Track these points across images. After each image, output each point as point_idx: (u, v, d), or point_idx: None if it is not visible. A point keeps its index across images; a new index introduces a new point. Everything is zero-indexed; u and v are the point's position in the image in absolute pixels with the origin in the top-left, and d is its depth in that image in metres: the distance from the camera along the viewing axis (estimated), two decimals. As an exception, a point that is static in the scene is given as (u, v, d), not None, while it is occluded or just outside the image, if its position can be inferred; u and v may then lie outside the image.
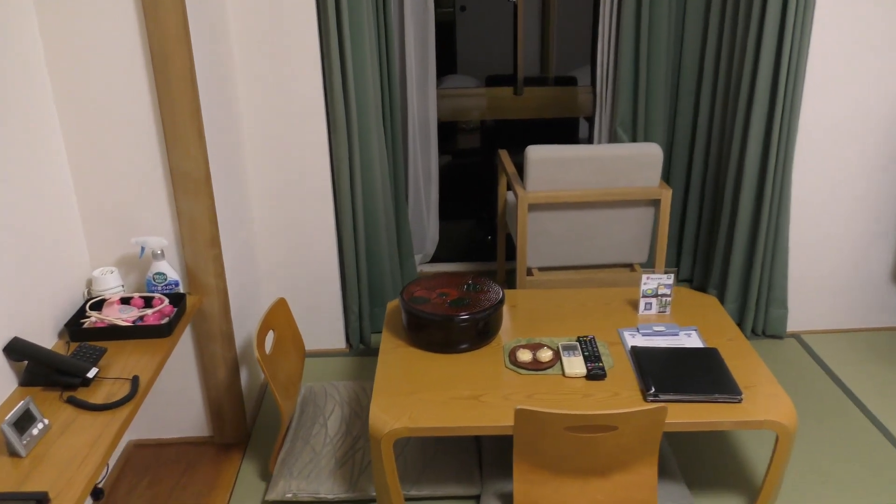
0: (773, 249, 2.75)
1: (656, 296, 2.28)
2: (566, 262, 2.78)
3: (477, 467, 2.11)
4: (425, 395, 1.90)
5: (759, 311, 2.84)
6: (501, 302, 2.12)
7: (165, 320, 1.90)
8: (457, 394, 1.90)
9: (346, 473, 2.07)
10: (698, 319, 2.26)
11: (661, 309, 2.30)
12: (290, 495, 2.01)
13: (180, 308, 1.96)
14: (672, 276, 2.25)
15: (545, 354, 2.02)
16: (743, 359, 2.04)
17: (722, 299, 2.93)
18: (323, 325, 2.84)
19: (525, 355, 2.03)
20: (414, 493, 2.03)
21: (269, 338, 2.29)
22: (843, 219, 2.78)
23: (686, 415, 1.80)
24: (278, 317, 2.22)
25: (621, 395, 1.89)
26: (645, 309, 2.30)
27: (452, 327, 2.05)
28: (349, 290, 2.78)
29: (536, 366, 2.00)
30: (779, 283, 2.79)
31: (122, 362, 1.74)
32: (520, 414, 1.71)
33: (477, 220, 4.27)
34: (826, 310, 2.92)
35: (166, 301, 1.96)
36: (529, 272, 2.78)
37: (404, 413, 1.83)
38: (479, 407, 1.85)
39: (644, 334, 2.17)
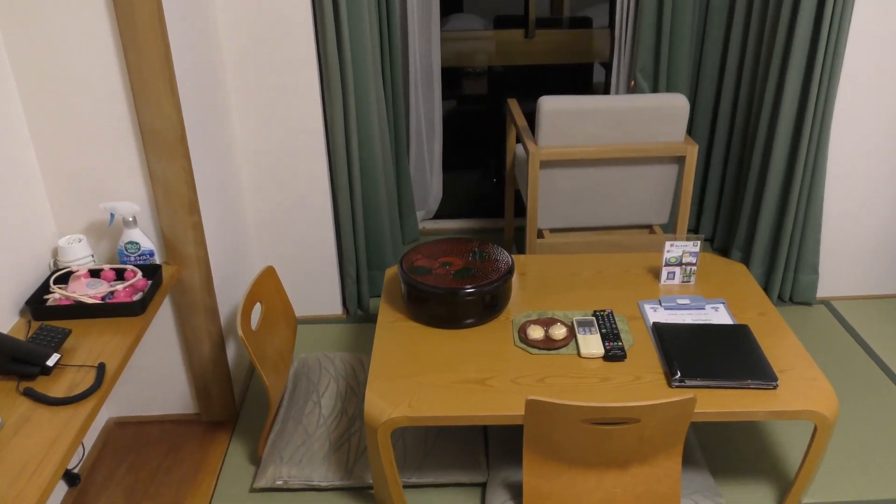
0: (806, 211, 2.54)
1: (680, 264, 2.09)
2: (580, 224, 2.58)
3: (483, 453, 1.96)
4: (427, 378, 1.74)
5: (787, 277, 2.65)
6: (510, 272, 1.94)
7: (138, 296, 1.73)
8: (461, 377, 1.74)
9: (342, 458, 1.93)
10: (726, 290, 2.08)
11: (686, 279, 2.11)
12: (280, 482, 1.88)
13: (155, 281, 1.78)
14: (698, 243, 2.06)
15: (558, 332, 1.85)
16: (777, 337, 1.87)
17: (747, 263, 2.74)
18: (318, 290, 2.67)
19: (536, 332, 1.86)
20: (415, 480, 1.89)
21: (257, 310, 2.13)
22: (882, 177, 2.56)
23: (715, 403, 1.64)
24: (266, 287, 2.04)
25: (643, 380, 1.72)
26: (667, 278, 2.12)
27: (457, 301, 1.88)
28: (345, 253, 2.60)
29: (549, 344, 1.83)
30: (811, 246, 2.59)
31: (88, 345, 1.58)
32: (531, 405, 1.55)
33: (483, 172, 4.06)
34: (858, 275, 2.73)
35: (139, 274, 1.78)
36: (540, 234, 2.59)
37: (403, 399, 1.67)
38: (486, 392, 1.69)
39: (667, 308, 1.99)
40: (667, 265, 2.10)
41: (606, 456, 1.66)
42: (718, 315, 1.95)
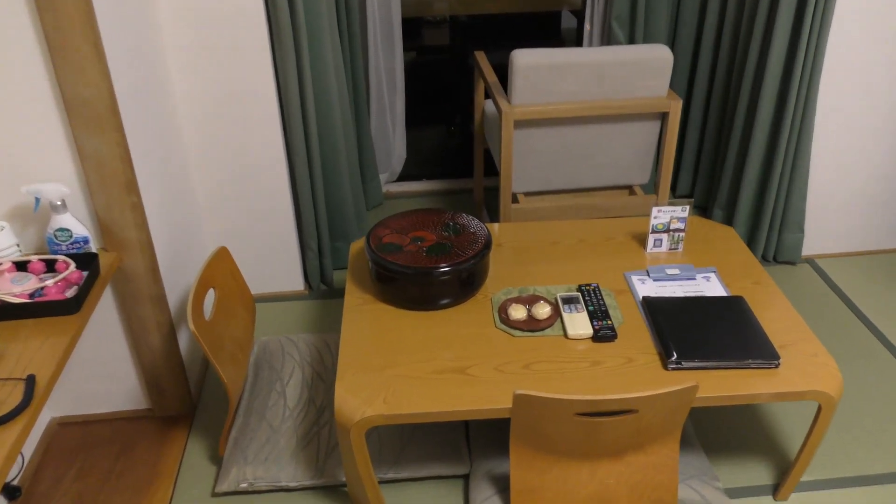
0: (792, 168, 2.43)
1: (668, 231, 1.96)
2: (557, 186, 2.44)
3: (465, 443, 1.84)
4: (402, 368, 1.59)
5: (771, 236, 2.56)
6: (488, 246, 1.79)
7: (72, 291, 1.54)
8: (440, 366, 1.60)
9: (311, 455, 1.79)
10: (715, 257, 1.96)
11: (673, 246, 1.99)
12: (245, 485, 1.73)
13: (91, 272, 1.59)
14: (687, 208, 1.93)
15: (542, 310, 1.71)
16: (773, 308, 1.76)
17: (729, 222, 2.64)
18: (277, 266, 2.49)
19: (518, 312, 1.72)
20: (392, 475, 1.76)
21: (210, 296, 1.95)
22: (871, 127, 2.46)
23: (714, 386, 1.53)
24: (219, 271, 1.86)
25: (636, 362, 1.60)
26: (654, 246, 1.99)
27: (432, 282, 1.72)
28: (305, 225, 2.41)
29: (532, 325, 1.70)
30: (797, 204, 2.49)
31: (14, 354, 1.39)
32: (519, 400, 1.42)
33: (448, 129, 3.87)
34: (843, 232, 2.65)
35: (73, 265, 1.59)
36: (514, 199, 2.44)
37: (377, 395, 1.53)
38: (468, 384, 1.55)
39: (655, 279, 1.87)
40: (653, 232, 1.97)
41: (600, 447, 1.55)
42: (710, 285, 1.84)
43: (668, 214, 1.95)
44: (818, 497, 1.75)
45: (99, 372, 1.94)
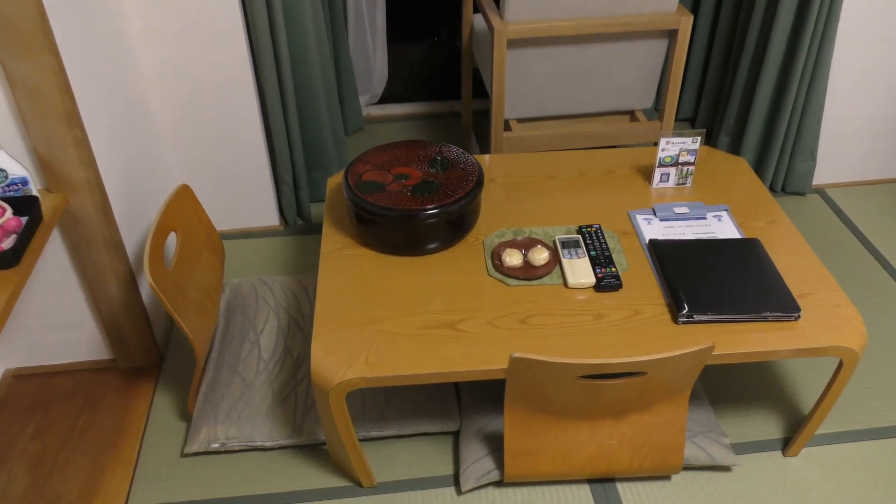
0: (808, 88, 2.24)
1: (676, 164, 1.80)
2: (553, 112, 2.24)
3: (454, 397, 1.72)
4: (385, 323, 1.45)
5: (781, 164, 2.39)
6: (480, 184, 1.62)
7: (9, 241, 1.36)
8: (427, 320, 1.45)
9: (288, 412, 1.66)
10: (727, 193, 1.80)
11: (681, 180, 1.82)
12: (216, 445, 1.61)
13: (33, 218, 1.41)
14: (698, 139, 1.76)
15: (540, 256, 1.56)
16: (791, 252, 1.62)
17: (736, 149, 2.47)
18: (249, 199, 2.30)
19: (513, 258, 1.57)
20: (376, 433, 1.64)
21: (172, 240, 1.77)
22: (892, 45, 2.26)
23: (728, 342, 1.40)
24: (181, 212, 1.68)
25: (643, 314, 1.46)
26: (661, 181, 1.82)
27: (417, 225, 1.56)
28: (278, 153, 2.22)
29: (529, 273, 1.55)
30: (811, 129, 2.32)
31: (-58, 317, 1.22)
32: (516, 364, 1.28)
33: (434, 45, 3.61)
34: (856, 159, 2.49)
35: (9, 211, 1.40)
36: (507, 126, 2.25)
37: (359, 354, 1.38)
38: (459, 340, 1.41)
39: (662, 219, 1.71)
40: (660, 166, 1.80)
41: (602, 407, 1.43)
42: (722, 226, 1.69)
43: (678, 146, 1.77)
44: (830, 451, 1.66)
45: (54, 321, 1.78)
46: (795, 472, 1.61)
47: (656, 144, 1.79)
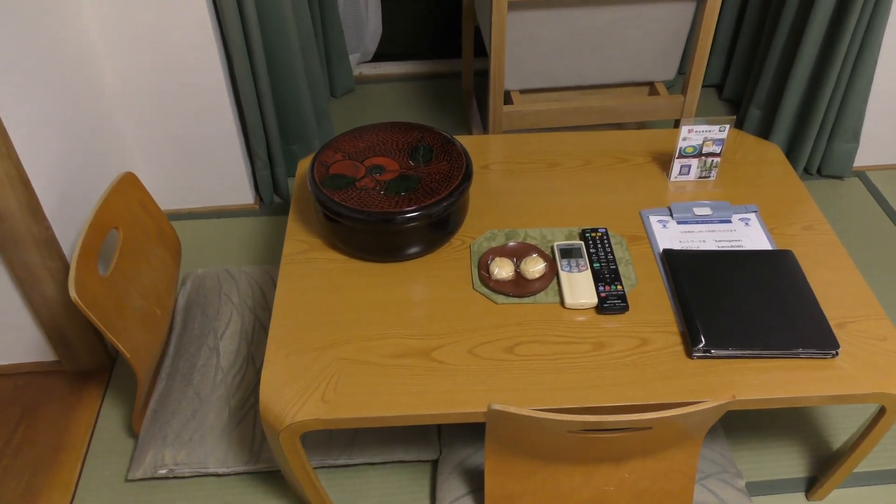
0: (855, 61, 1.97)
1: (699, 155, 1.56)
2: (560, 83, 2.00)
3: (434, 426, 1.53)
4: (350, 348, 1.25)
5: (818, 145, 2.14)
6: (468, 179, 1.40)
7: None
8: (398, 345, 1.26)
9: (246, 434, 1.48)
10: (756, 189, 1.57)
11: (704, 173, 1.59)
12: (164, 471, 1.44)
13: (-64, 221, 1.21)
14: (727, 127, 1.52)
15: (534, 267, 1.35)
16: (830, 267, 1.39)
17: (768, 126, 2.21)
18: (220, 176, 2.09)
19: (503, 269, 1.36)
20: (344, 461, 1.46)
21: (114, 239, 1.56)
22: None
23: (751, 385, 1.19)
24: (124, 204, 1.48)
25: (652, 344, 1.25)
26: (680, 173, 1.59)
27: (391, 231, 1.35)
28: (250, 126, 1.99)
29: (520, 288, 1.34)
30: (855, 107, 2.06)
31: None
32: (496, 416, 1.09)
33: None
34: (904, 138, 2.23)
35: None
36: (508, 98, 2.00)
37: (315, 388, 1.19)
38: (433, 374, 1.21)
39: (680, 221, 1.49)
40: (681, 157, 1.56)
41: (598, 455, 1.24)
42: (750, 232, 1.46)
43: (702, 135, 1.53)
44: (860, 496, 1.46)
45: (-11, 321, 1.61)
46: (820, 519, 1.43)
47: (678, 124, 1.55)
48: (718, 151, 1.56)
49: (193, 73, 1.87)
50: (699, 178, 1.60)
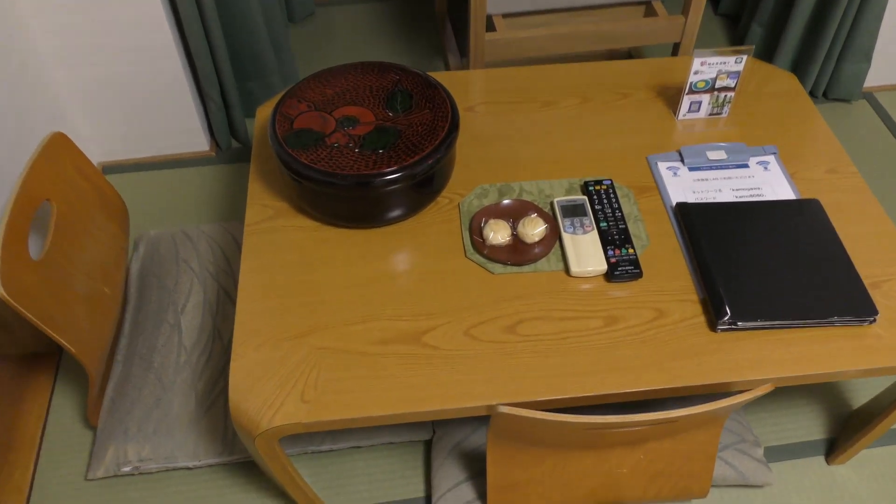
0: (873, -28, 1.79)
1: (711, 90, 1.40)
2: (547, 4, 1.79)
3: (424, 398, 1.40)
4: (329, 334, 1.10)
5: (827, 65, 1.98)
6: (454, 129, 1.22)
7: None
8: (384, 328, 1.11)
9: (217, 421, 1.35)
10: (773, 126, 1.42)
11: (716, 109, 1.43)
12: (128, 469, 1.31)
13: None
14: (744, 58, 1.35)
15: (534, 229, 1.20)
16: (859, 216, 1.26)
17: (773, 44, 2.04)
18: (169, 122, 1.88)
19: (499, 232, 1.20)
20: (328, 446, 1.34)
21: (47, 214, 1.36)
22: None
23: (783, 359, 1.07)
24: (56, 171, 1.28)
25: (670, 316, 1.13)
26: (689, 111, 1.43)
27: (369, 196, 1.18)
28: (198, 63, 1.77)
29: (519, 254, 1.19)
30: (869, 24, 1.89)
31: None
32: (500, 420, 0.96)
33: None
34: (917, 54, 2.07)
35: None
36: (490, 24, 1.80)
37: (293, 386, 1.05)
38: (426, 362, 1.07)
39: (692, 167, 1.34)
40: (691, 92, 1.40)
41: (613, 441, 1.12)
42: (770, 178, 1.32)
43: (715, 68, 1.36)
44: (883, 457, 1.39)
45: (-86, 304, 1.42)
46: (842, 485, 1.35)
47: (676, 49, 1.38)
48: (733, 85, 1.39)
49: (129, 5, 1.63)
50: (710, 115, 1.44)
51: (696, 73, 1.37)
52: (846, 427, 1.43)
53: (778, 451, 1.39)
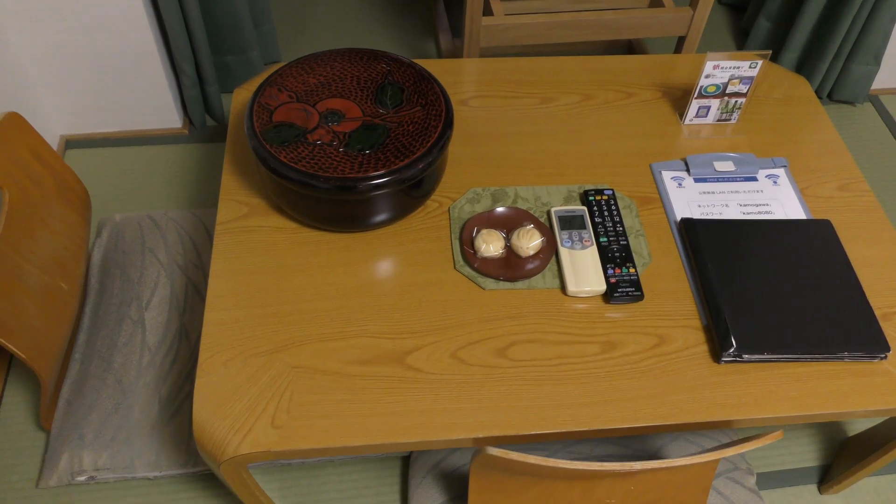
0: (891, -29, 1.71)
1: (722, 95, 1.31)
2: (549, -11, 1.69)
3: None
4: (304, 351, 1.02)
5: (834, 66, 1.91)
6: (449, 126, 1.13)
7: None
8: (364, 347, 1.03)
9: (182, 428, 1.26)
10: (784, 135, 1.35)
11: (725, 115, 1.35)
12: (83, 478, 1.22)
13: None
14: (759, 63, 1.27)
15: (529, 242, 1.12)
16: (871, 238, 1.20)
17: (779, 42, 1.96)
18: (139, 97, 1.76)
19: (491, 243, 1.12)
20: (299, 460, 1.26)
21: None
22: None
23: (789, 396, 1.01)
24: (8, 155, 1.17)
25: (671, 343, 1.06)
26: (697, 115, 1.35)
27: (353, 200, 1.09)
28: (171, 34, 1.65)
29: (513, 269, 1.11)
30: (882, 25, 1.81)
31: None
32: (484, 462, 0.89)
33: None
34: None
35: None
36: (487, 8, 1.69)
37: (262, 409, 0.97)
38: (409, 387, 1.00)
39: (698, 179, 1.26)
40: (700, 97, 1.32)
41: (604, 472, 1.06)
42: (779, 194, 1.25)
43: (728, 73, 1.28)
44: (878, 486, 1.34)
45: None
46: (834, 515, 1.31)
47: (681, 43, 1.30)
48: (745, 91, 1.31)
49: (96, -31, 1.51)
50: (719, 120, 1.36)
51: (706, 76, 1.28)
52: (840, 455, 1.38)
53: (770, 478, 1.34)
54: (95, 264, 1.47)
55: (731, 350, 1.02)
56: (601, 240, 1.15)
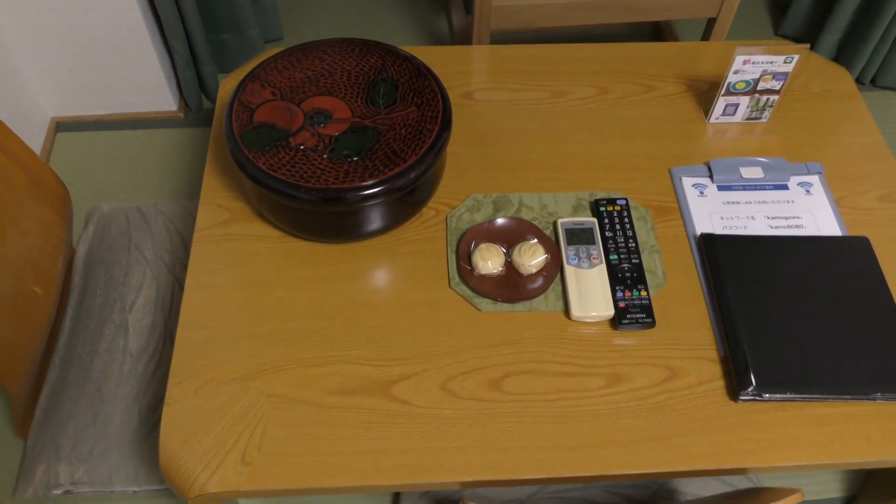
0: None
1: (752, 92, 1.19)
2: (568, -35, 1.56)
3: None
4: (280, 378, 0.94)
5: (879, 49, 1.75)
6: (446, 128, 1.03)
7: None
8: (346, 374, 0.95)
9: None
10: (820, 136, 1.23)
11: (754, 114, 1.23)
12: (58, 491, 1.17)
13: None
14: (795, 58, 1.14)
15: (530, 258, 1.02)
16: (913, 259, 1.09)
17: (819, 21, 1.81)
18: (131, 78, 1.67)
19: (489, 258, 1.03)
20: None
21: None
22: None
23: (813, 441, 0.92)
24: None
25: (683, 377, 0.96)
26: (724, 114, 1.23)
27: (338, 211, 1.00)
28: (162, 13, 1.55)
29: (513, 291, 1.02)
30: (935, 7, 1.66)
31: None
32: (479, 518, 0.81)
33: None
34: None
35: None
36: (499, -15, 1.57)
37: (233, 444, 0.90)
38: (394, 421, 0.92)
39: (722, 187, 1.15)
40: (728, 94, 1.19)
41: None
42: (812, 205, 1.13)
43: (760, 68, 1.16)
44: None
45: None
46: (858, 551, 1.22)
47: (710, 26, 1.18)
48: (778, 88, 1.19)
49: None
50: (748, 118, 1.24)
51: (735, 72, 1.16)
52: (867, 487, 1.29)
53: (789, 508, 1.26)
54: (80, 259, 1.40)
55: (750, 388, 0.93)
56: (611, 257, 1.05)
